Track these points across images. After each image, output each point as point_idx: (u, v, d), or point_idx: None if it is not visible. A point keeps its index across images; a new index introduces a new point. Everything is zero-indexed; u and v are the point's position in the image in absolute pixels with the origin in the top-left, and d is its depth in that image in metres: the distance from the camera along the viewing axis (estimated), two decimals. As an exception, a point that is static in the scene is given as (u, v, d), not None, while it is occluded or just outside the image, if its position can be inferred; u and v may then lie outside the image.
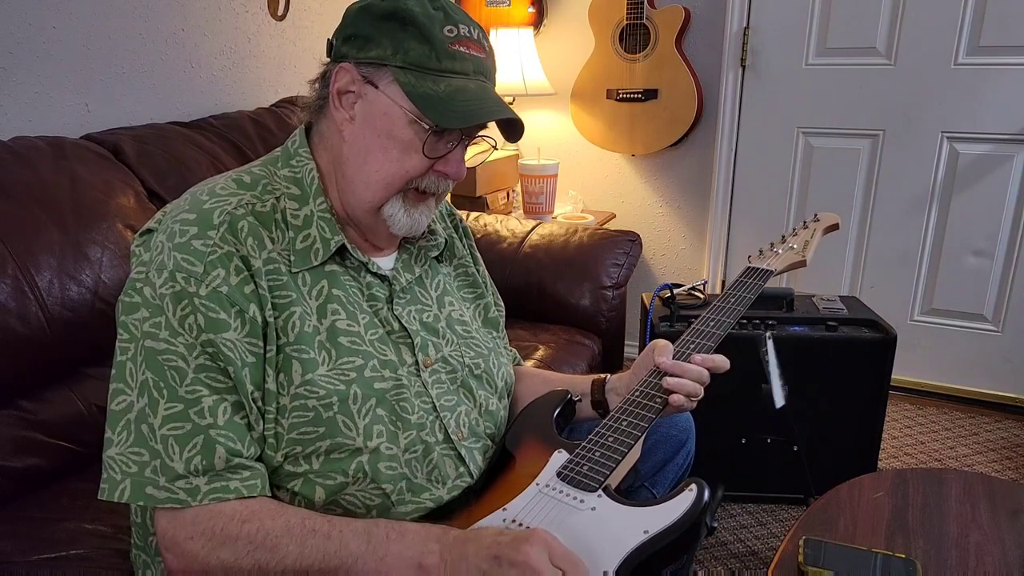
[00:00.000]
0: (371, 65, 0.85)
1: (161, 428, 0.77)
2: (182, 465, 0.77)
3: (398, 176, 0.87)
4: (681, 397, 0.94)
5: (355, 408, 0.85)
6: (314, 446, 0.83)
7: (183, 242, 0.81)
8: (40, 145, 1.35)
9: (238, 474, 0.79)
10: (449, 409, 0.94)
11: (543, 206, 2.48)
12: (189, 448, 0.77)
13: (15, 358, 1.18)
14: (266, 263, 0.84)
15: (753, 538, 1.80)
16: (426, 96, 0.83)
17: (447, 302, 1.03)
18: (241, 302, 0.80)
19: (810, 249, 1.28)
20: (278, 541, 0.76)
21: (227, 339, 0.79)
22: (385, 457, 0.86)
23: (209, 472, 0.77)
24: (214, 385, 0.79)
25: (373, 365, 0.88)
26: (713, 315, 1.09)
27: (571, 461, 0.90)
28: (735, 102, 2.50)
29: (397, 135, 0.86)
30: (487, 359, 1.02)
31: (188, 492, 0.77)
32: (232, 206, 0.84)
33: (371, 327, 0.91)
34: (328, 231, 0.88)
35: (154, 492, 0.77)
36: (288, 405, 0.82)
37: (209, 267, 0.80)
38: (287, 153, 0.93)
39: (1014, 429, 2.30)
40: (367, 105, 0.87)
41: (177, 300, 0.79)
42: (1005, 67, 2.17)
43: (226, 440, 0.78)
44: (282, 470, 0.83)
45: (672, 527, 0.78)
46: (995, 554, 1.06)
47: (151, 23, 1.74)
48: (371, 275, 0.93)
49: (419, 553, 0.75)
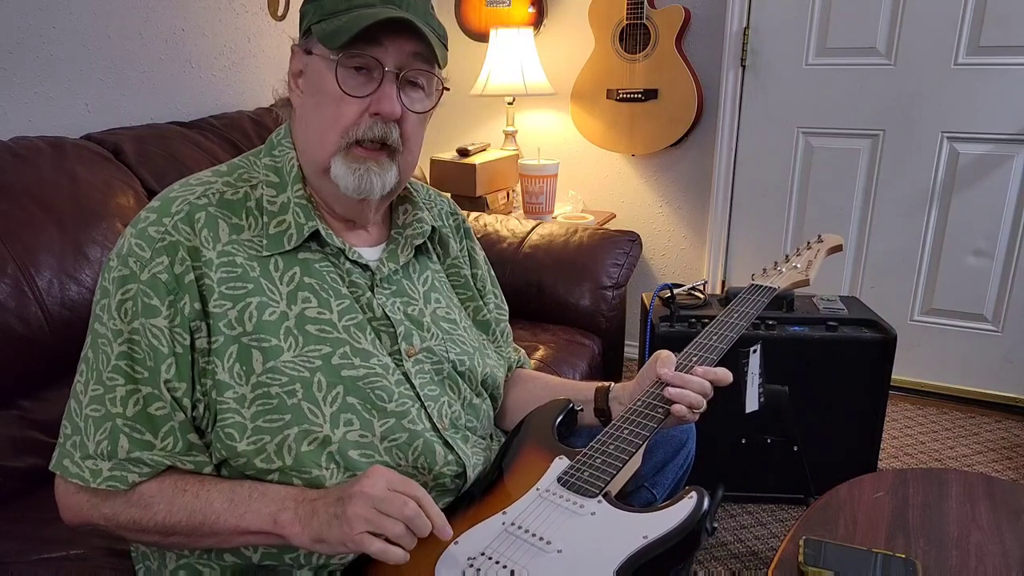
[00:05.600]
0: (305, 36, 0.90)
1: (86, 407, 0.82)
2: (93, 446, 0.81)
3: (330, 127, 0.87)
4: (683, 408, 0.94)
5: (320, 395, 0.85)
6: (282, 434, 0.83)
7: (141, 228, 0.84)
8: (40, 145, 1.35)
9: (138, 468, 0.81)
10: (432, 399, 0.94)
11: (543, 206, 2.48)
12: (100, 432, 0.81)
13: (15, 358, 1.18)
14: (220, 255, 0.85)
15: (753, 538, 1.80)
16: (328, 31, 0.85)
17: (434, 298, 1.02)
18: (176, 291, 0.82)
19: (813, 268, 1.32)
20: (151, 500, 0.81)
21: (156, 325, 0.81)
22: (359, 445, 0.86)
23: (112, 459, 0.81)
24: (131, 374, 0.81)
25: (343, 352, 0.88)
26: (716, 329, 1.11)
27: (572, 467, 0.90)
28: (735, 102, 2.50)
29: (326, 87, 0.87)
30: (472, 357, 1.02)
31: (92, 473, 0.81)
32: (195, 196, 0.87)
33: (348, 313, 0.90)
34: (303, 216, 0.89)
35: (68, 465, 0.81)
36: (249, 395, 0.83)
37: (155, 253, 0.82)
38: (270, 144, 0.95)
39: (1014, 429, 2.30)
40: (308, 73, 0.90)
41: (122, 283, 0.82)
42: (1005, 67, 2.17)
43: (131, 432, 0.81)
44: (255, 466, 0.83)
45: (671, 533, 0.79)
46: (995, 554, 1.06)
47: (151, 23, 1.74)
48: (351, 262, 0.93)
49: (275, 510, 0.79)
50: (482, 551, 0.80)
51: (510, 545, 0.80)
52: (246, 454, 0.83)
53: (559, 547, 0.79)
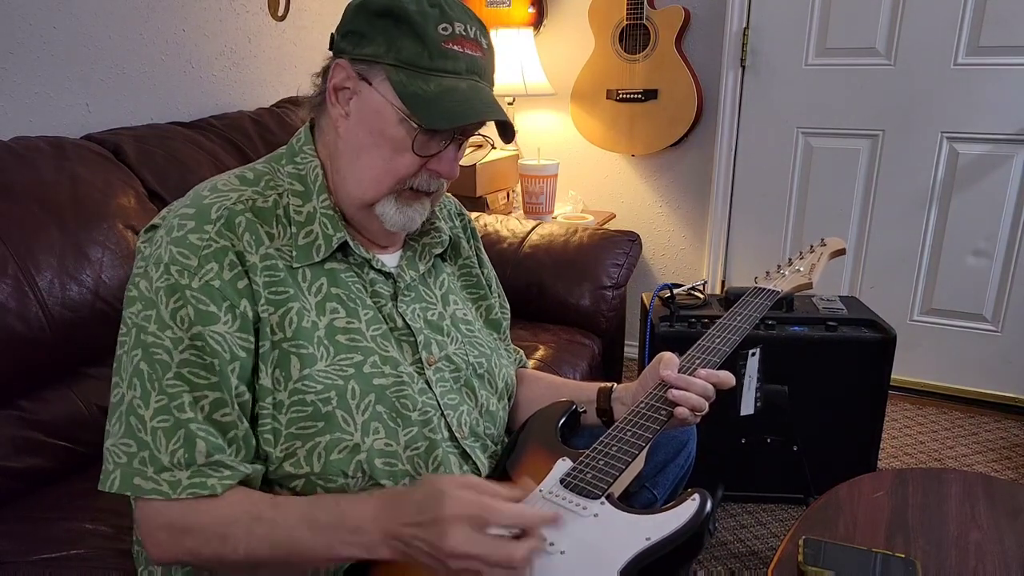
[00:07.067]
0: (365, 62, 0.86)
1: (151, 420, 0.78)
2: (167, 457, 0.78)
3: (388, 175, 0.87)
4: (685, 410, 0.94)
5: (353, 403, 0.85)
6: (313, 441, 0.83)
7: (180, 236, 0.82)
8: (41, 145, 1.35)
9: (218, 472, 0.79)
10: (452, 408, 0.95)
11: (543, 206, 2.48)
12: (174, 441, 0.78)
13: (15, 358, 1.18)
14: (263, 259, 0.84)
15: (753, 538, 1.80)
16: (415, 95, 0.83)
17: (451, 300, 1.03)
18: (233, 296, 0.81)
19: (816, 272, 1.32)
20: (227, 531, 0.77)
21: (216, 332, 0.80)
22: (384, 454, 0.86)
23: (191, 466, 0.78)
24: (195, 381, 0.79)
25: (373, 361, 0.88)
26: (719, 332, 1.11)
27: (575, 469, 0.90)
28: (735, 102, 2.50)
29: (388, 133, 0.86)
30: (489, 359, 1.03)
31: (171, 485, 0.78)
32: (231, 201, 0.85)
33: (373, 323, 0.91)
34: (331, 227, 0.89)
35: (141, 483, 0.78)
36: (286, 401, 0.83)
37: (203, 261, 0.81)
38: (292, 150, 0.94)
39: (1014, 429, 2.31)
40: (361, 102, 0.87)
41: (170, 292, 0.80)
42: (1005, 67, 2.17)
43: (207, 435, 0.79)
44: (283, 470, 0.84)
45: (674, 535, 0.79)
46: (995, 554, 1.06)
47: (151, 23, 1.74)
48: (375, 272, 0.93)
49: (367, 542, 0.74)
50: (484, 551, 0.80)
51: (512, 546, 0.80)
52: (277, 459, 0.83)
53: (562, 548, 0.79)
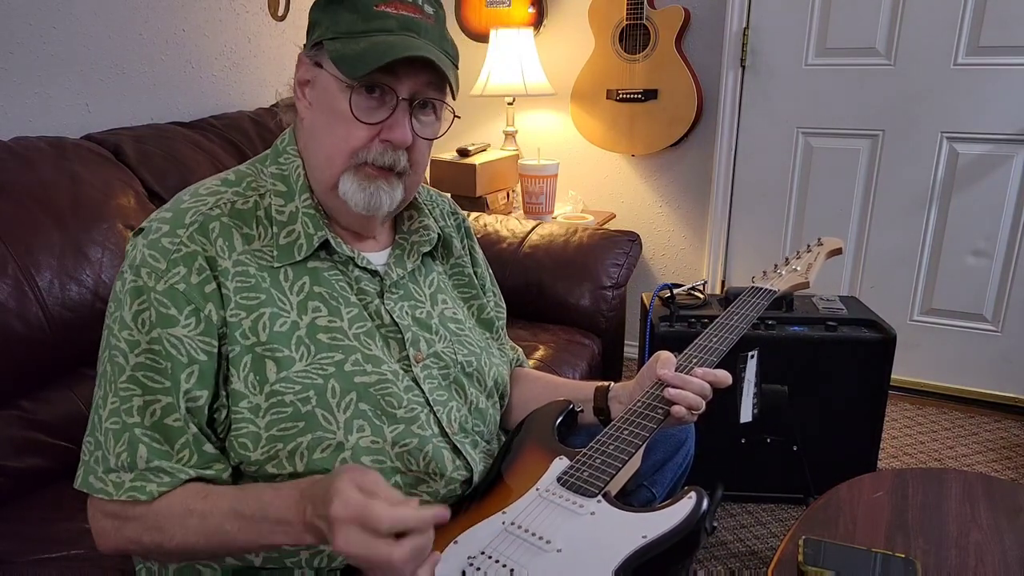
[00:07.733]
0: (315, 47, 0.88)
1: (105, 421, 0.81)
2: (114, 459, 0.80)
3: (340, 149, 0.87)
4: (682, 409, 0.94)
5: (334, 402, 0.85)
6: (295, 442, 0.83)
7: (154, 239, 0.83)
8: (41, 145, 1.35)
9: (158, 477, 0.80)
10: (441, 404, 0.94)
11: (543, 206, 2.48)
12: (119, 444, 0.80)
13: (15, 358, 1.18)
14: (236, 264, 0.85)
15: (753, 538, 1.80)
16: (344, 56, 0.84)
17: (440, 299, 1.03)
18: (198, 300, 0.82)
19: (813, 271, 1.32)
20: (162, 523, 0.79)
21: (173, 335, 0.80)
22: (371, 451, 0.86)
23: (133, 470, 0.80)
24: (148, 385, 0.80)
25: (355, 359, 0.88)
26: (716, 331, 1.11)
27: (572, 467, 0.90)
28: (735, 102, 2.50)
29: (337, 107, 0.86)
30: (479, 357, 1.02)
31: (115, 486, 0.80)
32: (208, 207, 0.86)
33: (358, 321, 0.90)
34: (312, 226, 0.89)
35: (93, 481, 0.81)
36: (263, 404, 0.83)
37: (171, 264, 0.82)
38: (275, 151, 0.95)
39: (1014, 429, 2.30)
40: (317, 88, 0.89)
41: (136, 295, 0.81)
42: (1005, 67, 2.17)
43: (149, 441, 0.80)
44: (265, 472, 0.84)
45: (670, 533, 0.79)
46: (995, 554, 1.06)
47: (151, 23, 1.75)
48: (360, 269, 0.93)
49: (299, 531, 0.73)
50: (482, 550, 0.80)
51: (510, 544, 0.80)
52: (258, 462, 0.83)
53: (559, 546, 0.79)
